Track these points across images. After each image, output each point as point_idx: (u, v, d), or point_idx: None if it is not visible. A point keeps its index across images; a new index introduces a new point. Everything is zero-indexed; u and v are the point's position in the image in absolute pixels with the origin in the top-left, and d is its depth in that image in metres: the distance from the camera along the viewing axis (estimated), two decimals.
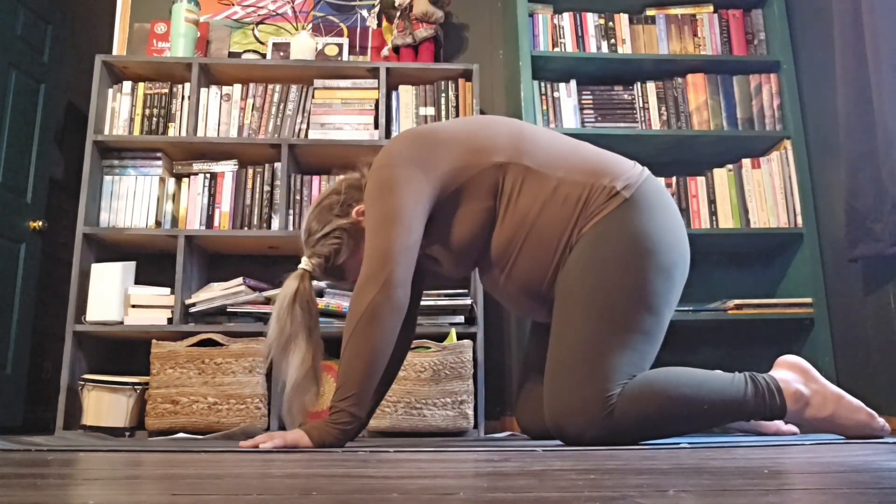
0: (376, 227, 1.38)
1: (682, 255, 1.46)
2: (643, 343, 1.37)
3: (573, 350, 1.36)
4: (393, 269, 1.34)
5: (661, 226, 1.42)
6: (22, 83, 2.84)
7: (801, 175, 2.44)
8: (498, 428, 2.43)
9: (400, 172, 1.40)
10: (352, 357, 1.32)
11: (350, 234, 1.50)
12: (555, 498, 0.57)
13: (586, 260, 1.39)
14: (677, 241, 1.45)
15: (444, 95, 2.51)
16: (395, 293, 1.34)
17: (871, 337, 2.14)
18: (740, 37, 2.63)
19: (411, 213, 1.38)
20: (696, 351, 2.57)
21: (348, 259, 1.51)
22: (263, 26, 2.81)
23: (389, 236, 1.36)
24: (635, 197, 1.41)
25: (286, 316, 1.45)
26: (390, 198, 1.38)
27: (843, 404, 1.37)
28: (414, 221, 1.39)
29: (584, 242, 1.40)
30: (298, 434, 1.30)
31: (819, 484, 0.67)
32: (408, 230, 1.37)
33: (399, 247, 1.36)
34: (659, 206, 1.44)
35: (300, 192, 2.42)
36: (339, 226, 1.50)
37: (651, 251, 1.38)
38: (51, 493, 0.64)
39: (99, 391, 2.14)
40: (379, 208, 1.39)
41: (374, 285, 1.33)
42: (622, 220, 1.40)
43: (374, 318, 1.32)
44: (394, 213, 1.37)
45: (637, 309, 1.36)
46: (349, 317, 1.35)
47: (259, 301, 2.27)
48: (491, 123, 1.53)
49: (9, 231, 2.74)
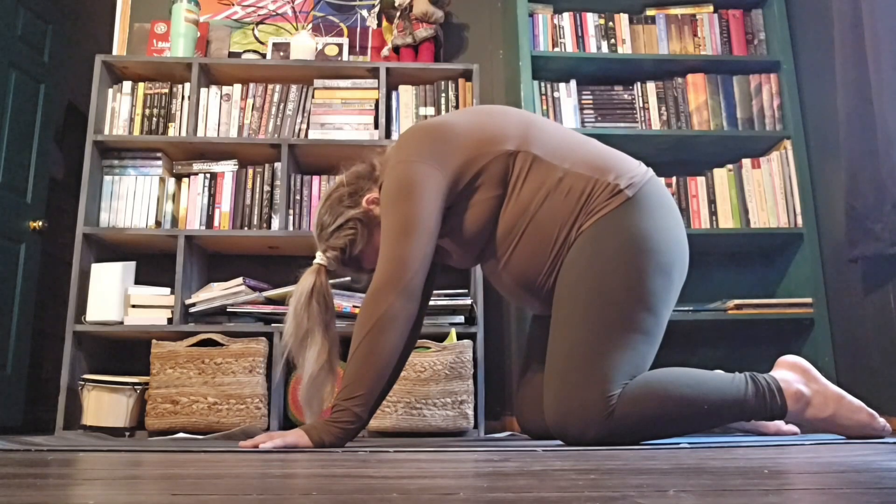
0: (396, 232, 1.38)
1: (681, 255, 1.46)
2: (642, 343, 1.37)
3: (573, 350, 1.36)
4: (412, 277, 1.35)
5: (662, 227, 1.42)
6: (22, 83, 2.84)
7: (801, 175, 2.44)
8: (498, 428, 2.43)
9: (418, 169, 1.40)
10: (363, 359, 1.32)
11: (363, 223, 1.51)
12: (555, 498, 0.57)
13: (586, 260, 1.39)
14: (677, 241, 1.45)
15: (444, 95, 2.51)
16: (411, 301, 1.35)
17: (871, 337, 2.14)
18: (740, 37, 2.63)
19: (430, 217, 1.39)
20: (696, 351, 2.57)
21: (364, 248, 1.51)
22: (263, 26, 2.81)
23: (409, 243, 1.36)
24: (638, 196, 1.41)
25: (303, 311, 1.45)
26: (410, 200, 1.38)
27: (844, 404, 1.37)
28: (433, 227, 1.39)
29: (583, 240, 1.40)
30: (298, 434, 1.30)
31: (819, 484, 0.67)
32: (427, 237, 1.38)
33: (418, 255, 1.36)
34: (660, 207, 1.44)
35: (300, 192, 2.42)
36: (351, 216, 1.50)
37: (651, 251, 1.38)
38: (51, 493, 0.64)
39: (99, 391, 2.14)
40: (399, 211, 1.39)
41: (392, 292, 1.33)
42: (623, 219, 1.40)
43: (389, 325, 1.33)
44: (414, 219, 1.37)
45: (636, 309, 1.36)
46: (362, 319, 1.35)
47: (259, 301, 2.27)
48: (500, 113, 1.53)
49: (9, 231, 2.74)
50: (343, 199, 1.52)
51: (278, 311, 2.25)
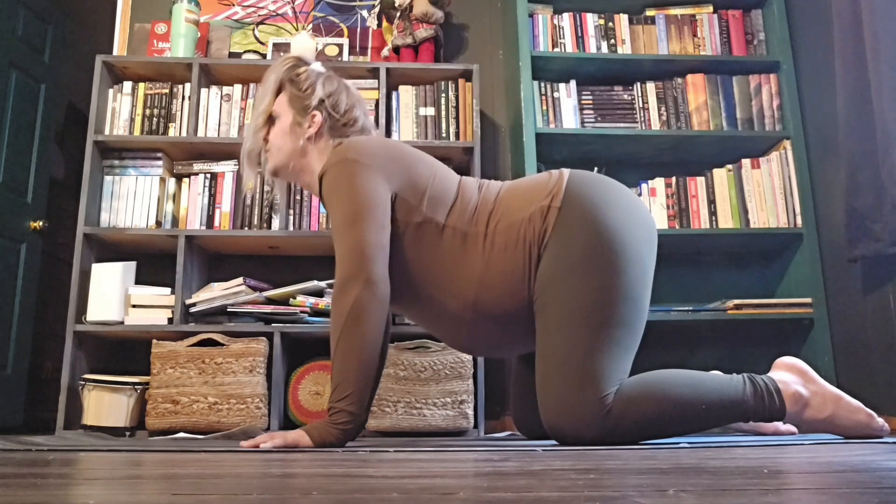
0: (344, 223, 1.39)
1: (640, 229, 1.42)
2: (626, 335, 1.36)
3: (560, 356, 1.34)
4: (371, 266, 1.35)
5: (607, 212, 1.39)
6: (22, 83, 2.84)
7: (801, 175, 2.44)
8: (498, 428, 2.44)
9: (361, 168, 1.42)
10: (344, 356, 1.32)
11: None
12: (555, 498, 0.57)
13: (553, 271, 1.38)
14: (630, 216, 1.42)
15: (444, 96, 2.51)
16: (377, 289, 1.35)
17: (870, 337, 2.15)
18: (740, 37, 2.63)
19: (377, 203, 1.40)
20: (696, 351, 2.57)
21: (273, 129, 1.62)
22: (264, 26, 2.81)
23: (359, 231, 1.37)
24: (567, 200, 1.41)
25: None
26: (353, 189, 1.40)
27: (843, 405, 1.37)
28: (381, 211, 1.40)
29: (545, 262, 1.40)
30: (299, 434, 1.31)
31: (819, 484, 0.67)
32: (377, 222, 1.39)
33: (371, 240, 1.37)
34: (594, 195, 1.42)
35: (300, 192, 2.42)
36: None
37: (609, 239, 1.37)
38: (51, 493, 0.64)
39: (99, 391, 2.14)
40: (343, 201, 1.40)
41: (356, 283, 1.34)
42: (568, 225, 1.39)
43: (360, 316, 1.32)
44: (360, 207, 1.39)
45: (614, 301, 1.35)
46: (334, 318, 1.35)
47: (259, 301, 2.27)
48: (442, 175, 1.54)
49: (9, 231, 2.74)
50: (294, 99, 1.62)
51: (279, 311, 2.25)
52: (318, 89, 1.59)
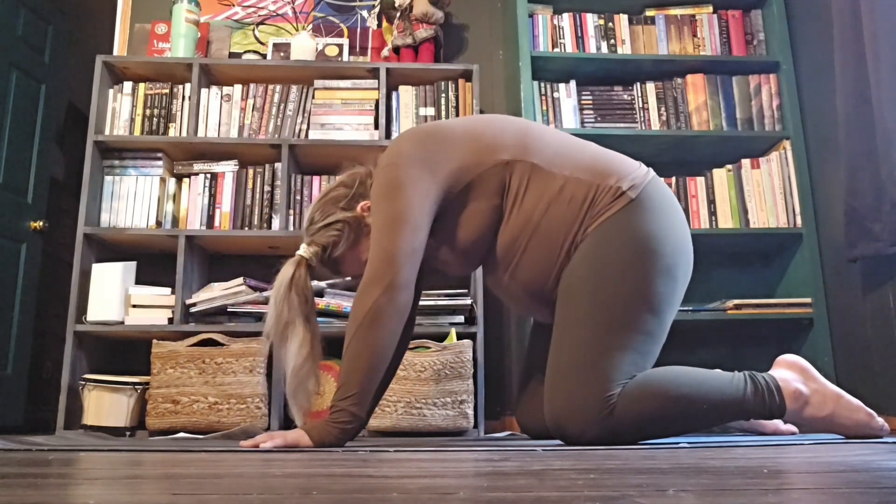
0: (383, 228, 1.38)
1: (685, 255, 1.46)
2: (645, 343, 1.37)
3: (575, 351, 1.36)
4: (398, 271, 1.34)
5: (665, 227, 1.42)
6: (22, 83, 2.84)
7: (801, 175, 2.44)
8: (498, 428, 2.44)
9: (407, 172, 1.40)
10: (354, 357, 1.33)
11: (351, 227, 1.50)
12: (555, 497, 0.57)
13: (590, 261, 1.39)
14: (681, 241, 1.45)
15: (444, 96, 2.51)
16: (398, 295, 1.34)
17: (870, 337, 2.15)
18: (740, 37, 2.63)
19: (418, 214, 1.38)
20: (696, 351, 2.57)
21: (346, 252, 1.51)
22: (264, 27, 2.81)
23: (395, 238, 1.36)
24: (641, 197, 1.42)
25: (283, 301, 1.45)
26: (397, 198, 1.38)
27: (843, 403, 1.37)
28: (420, 223, 1.39)
29: (588, 243, 1.40)
30: (299, 433, 1.31)
31: (819, 484, 0.67)
32: (414, 232, 1.37)
33: (405, 249, 1.36)
34: (663, 207, 1.44)
35: (300, 193, 2.43)
36: (341, 218, 1.50)
37: (655, 252, 1.38)
38: (51, 493, 0.64)
39: (99, 391, 2.14)
40: (385, 209, 1.39)
41: (378, 287, 1.33)
42: (627, 220, 1.40)
43: (376, 320, 1.32)
44: (401, 215, 1.37)
45: (639, 310, 1.36)
46: (352, 317, 1.35)
47: (259, 301, 2.27)
48: (497, 121, 1.53)
49: (9, 231, 2.74)
50: (339, 200, 1.52)
51: None
52: (324, 231, 1.52)
